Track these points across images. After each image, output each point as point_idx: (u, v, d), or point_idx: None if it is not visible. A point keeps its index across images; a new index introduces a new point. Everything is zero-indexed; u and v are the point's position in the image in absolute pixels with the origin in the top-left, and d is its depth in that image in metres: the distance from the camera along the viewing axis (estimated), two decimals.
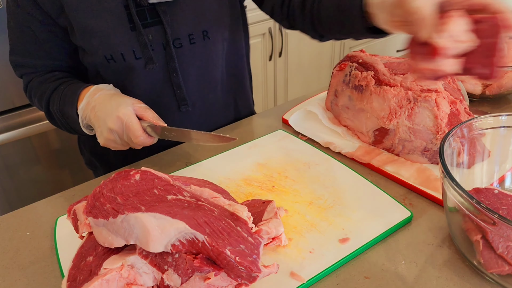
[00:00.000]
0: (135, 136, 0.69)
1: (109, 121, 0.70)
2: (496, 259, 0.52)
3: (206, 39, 0.85)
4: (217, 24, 0.85)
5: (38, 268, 0.61)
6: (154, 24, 0.79)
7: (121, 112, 0.69)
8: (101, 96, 0.74)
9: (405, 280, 0.55)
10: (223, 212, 0.51)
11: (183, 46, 0.83)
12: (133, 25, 0.78)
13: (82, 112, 0.75)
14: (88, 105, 0.74)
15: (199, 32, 0.84)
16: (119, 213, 0.48)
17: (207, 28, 0.84)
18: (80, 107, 0.75)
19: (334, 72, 0.88)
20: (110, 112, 0.70)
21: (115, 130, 0.70)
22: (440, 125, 0.70)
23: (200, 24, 0.83)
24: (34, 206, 0.73)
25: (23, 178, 1.55)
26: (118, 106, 0.70)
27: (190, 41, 0.84)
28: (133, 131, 0.69)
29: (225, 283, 0.49)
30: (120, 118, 0.69)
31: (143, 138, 0.70)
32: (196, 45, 0.84)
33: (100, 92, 0.75)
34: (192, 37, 0.83)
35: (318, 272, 0.55)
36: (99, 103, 0.72)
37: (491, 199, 0.59)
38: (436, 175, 0.71)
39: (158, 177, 0.55)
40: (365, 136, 0.82)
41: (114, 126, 0.70)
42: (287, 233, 0.62)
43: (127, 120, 0.69)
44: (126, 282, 0.47)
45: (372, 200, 0.67)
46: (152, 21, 0.79)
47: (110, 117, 0.70)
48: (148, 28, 0.79)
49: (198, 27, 0.83)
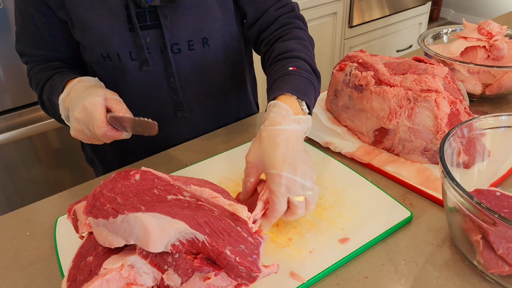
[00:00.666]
0: (97, 126, 0.65)
1: (76, 110, 0.67)
2: (496, 260, 0.52)
3: (206, 47, 0.83)
4: (219, 32, 0.83)
5: (38, 268, 0.61)
6: (153, 27, 0.79)
7: (87, 101, 0.65)
8: (80, 87, 0.72)
9: (405, 280, 0.55)
10: (223, 212, 0.51)
11: (182, 52, 0.82)
12: (131, 26, 0.77)
13: (62, 102, 0.73)
14: (67, 96, 0.72)
15: (199, 39, 0.82)
16: (119, 213, 0.48)
17: (207, 36, 0.82)
18: (60, 97, 0.73)
19: (334, 72, 0.88)
20: (79, 102, 0.67)
21: (81, 119, 0.66)
22: (440, 125, 0.70)
23: (201, 31, 0.81)
24: (34, 206, 0.73)
25: (23, 178, 1.55)
26: (87, 96, 0.67)
27: (189, 48, 0.82)
28: (95, 120, 0.65)
29: (225, 283, 0.49)
30: (85, 107, 0.65)
31: (105, 129, 0.65)
32: (195, 51, 0.83)
33: (80, 83, 0.73)
34: (192, 44, 0.82)
35: (318, 272, 0.55)
36: (75, 94, 0.71)
37: (492, 200, 0.59)
38: (436, 175, 0.71)
39: (158, 177, 0.55)
40: (365, 136, 0.82)
41: (79, 115, 0.66)
42: (287, 233, 0.62)
43: (91, 109, 0.65)
44: (126, 282, 0.47)
45: (372, 200, 0.67)
46: (152, 24, 0.78)
47: (78, 106, 0.67)
48: (147, 31, 0.78)
49: (198, 34, 0.81)
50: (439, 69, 0.76)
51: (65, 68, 0.85)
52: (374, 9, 2.40)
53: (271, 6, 0.83)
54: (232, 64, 0.91)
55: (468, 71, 0.94)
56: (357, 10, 2.33)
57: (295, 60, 0.73)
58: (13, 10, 0.82)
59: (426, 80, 0.73)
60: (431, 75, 0.74)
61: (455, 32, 1.09)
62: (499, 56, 0.98)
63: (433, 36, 1.11)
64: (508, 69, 0.89)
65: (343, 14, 2.30)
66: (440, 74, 0.75)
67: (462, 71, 0.94)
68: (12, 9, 1.32)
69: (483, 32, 0.99)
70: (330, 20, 2.26)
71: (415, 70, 0.77)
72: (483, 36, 0.99)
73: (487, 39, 0.98)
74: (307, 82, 0.70)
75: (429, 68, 0.76)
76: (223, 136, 0.90)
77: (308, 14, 2.10)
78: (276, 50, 0.78)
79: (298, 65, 0.72)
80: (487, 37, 0.99)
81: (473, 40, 0.99)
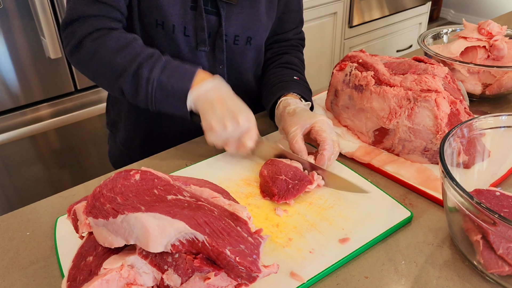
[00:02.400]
0: (251, 138, 0.74)
1: (240, 115, 0.72)
2: (496, 260, 0.52)
3: (248, 45, 0.90)
4: (261, 35, 0.91)
5: (38, 268, 0.61)
6: (211, 13, 0.83)
7: (251, 115, 0.75)
8: (225, 92, 0.76)
9: (405, 280, 0.55)
10: (223, 212, 0.51)
11: (227, 43, 0.87)
12: (194, 4, 0.81)
13: (194, 94, 0.75)
14: (206, 93, 0.75)
15: (245, 37, 0.88)
16: (119, 213, 0.48)
17: (252, 36, 0.89)
18: (195, 90, 0.75)
19: (334, 72, 0.88)
20: (242, 109, 0.74)
21: (241, 124, 0.72)
22: (440, 125, 0.70)
23: (248, 30, 0.88)
24: (34, 206, 0.73)
25: (23, 178, 1.55)
26: (245, 108, 0.75)
27: (234, 42, 0.88)
28: (251, 133, 0.74)
29: (225, 283, 0.49)
30: (249, 118, 0.74)
31: (251, 144, 0.74)
32: (238, 46, 0.89)
33: (227, 88, 0.77)
34: (237, 39, 0.88)
35: (318, 272, 0.55)
36: (223, 97, 0.75)
37: (492, 200, 0.59)
38: (436, 175, 0.71)
39: (158, 177, 0.55)
40: (365, 136, 0.82)
41: (243, 121, 0.73)
42: (287, 233, 0.62)
43: (252, 125, 0.75)
44: (126, 282, 0.47)
45: (372, 200, 0.67)
46: (211, 10, 0.83)
47: (242, 112, 0.73)
48: (206, 15, 0.82)
49: (245, 32, 0.88)
50: (439, 69, 0.76)
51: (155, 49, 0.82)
52: (374, 9, 2.40)
53: (292, 30, 0.99)
54: (258, 65, 0.99)
55: (468, 71, 0.94)
56: (357, 10, 2.33)
57: (298, 74, 0.92)
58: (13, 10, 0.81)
59: (426, 80, 0.73)
60: (431, 75, 0.74)
61: (455, 32, 1.09)
62: (499, 56, 0.98)
63: (433, 36, 1.11)
64: (508, 69, 0.89)
65: (343, 14, 2.30)
66: (440, 74, 0.76)
67: (462, 71, 0.94)
68: (12, 9, 1.32)
69: (483, 32, 0.99)
70: (330, 20, 2.26)
71: (415, 70, 0.77)
72: (483, 36, 0.99)
73: (487, 39, 0.98)
74: (308, 90, 0.89)
75: (429, 68, 0.76)
76: None
77: (308, 14, 2.10)
78: (283, 59, 0.96)
79: (301, 78, 0.92)
80: (487, 37, 0.99)
81: (473, 40, 0.99)
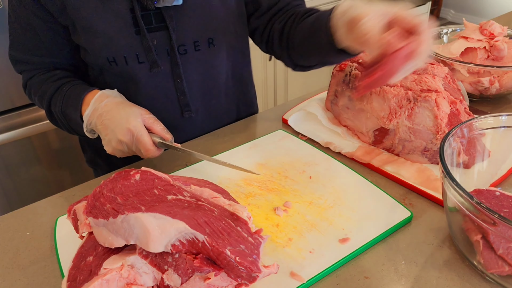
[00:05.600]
0: (146, 150, 0.71)
1: (118, 133, 0.70)
2: (496, 260, 0.52)
3: (211, 47, 0.84)
4: (223, 32, 0.85)
5: (38, 268, 0.61)
6: (159, 29, 0.79)
7: (132, 125, 0.70)
8: (108, 103, 0.74)
9: (405, 280, 0.55)
10: (223, 212, 0.51)
11: (188, 53, 0.83)
12: (137, 28, 0.77)
13: (87, 118, 0.75)
14: (94, 112, 0.74)
15: (205, 40, 0.83)
16: (119, 213, 0.48)
17: (213, 36, 0.83)
18: (86, 113, 0.75)
19: (334, 72, 0.88)
20: (120, 123, 0.70)
21: (125, 142, 0.71)
22: (440, 125, 0.70)
23: (206, 31, 0.82)
24: (34, 206, 0.73)
25: (23, 178, 1.55)
26: (128, 118, 0.71)
27: (195, 48, 0.83)
28: (143, 144, 0.70)
29: (225, 283, 0.49)
30: (130, 130, 0.70)
31: (153, 152, 0.71)
32: (201, 52, 0.84)
33: (107, 99, 0.74)
34: (197, 44, 0.83)
35: (318, 272, 0.55)
36: (106, 111, 0.73)
37: (492, 200, 0.59)
38: (436, 175, 0.71)
39: (158, 177, 0.55)
40: (365, 136, 0.82)
41: (124, 138, 0.70)
42: (287, 233, 0.62)
43: (137, 134, 0.70)
44: (126, 282, 0.47)
45: (372, 200, 0.67)
46: (158, 26, 0.78)
47: (120, 128, 0.70)
48: (153, 33, 0.79)
49: (204, 35, 0.82)
50: (439, 69, 0.76)
51: (69, 78, 0.84)
52: None
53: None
54: (235, 64, 0.93)
55: (468, 71, 0.94)
56: None
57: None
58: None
59: (426, 80, 0.73)
60: (431, 75, 0.74)
61: (455, 32, 1.09)
62: (499, 57, 0.98)
63: (433, 36, 1.11)
64: (508, 69, 0.89)
65: None
66: (440, 74, 0.76)
67: (462, 71, 0.94)
68: None
69: (485, 33, 0.99)
70: None
71: (415, 70, 0.77)
72: (484, 36, 0.99)
73: (488, 39, 0.98)
74: None
75: (429, 68, 0.76)
76: (223, 136, 0.91)
77: None
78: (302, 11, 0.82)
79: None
80: (488, 37, 0.99)
81: (473, 41, 0.99)
